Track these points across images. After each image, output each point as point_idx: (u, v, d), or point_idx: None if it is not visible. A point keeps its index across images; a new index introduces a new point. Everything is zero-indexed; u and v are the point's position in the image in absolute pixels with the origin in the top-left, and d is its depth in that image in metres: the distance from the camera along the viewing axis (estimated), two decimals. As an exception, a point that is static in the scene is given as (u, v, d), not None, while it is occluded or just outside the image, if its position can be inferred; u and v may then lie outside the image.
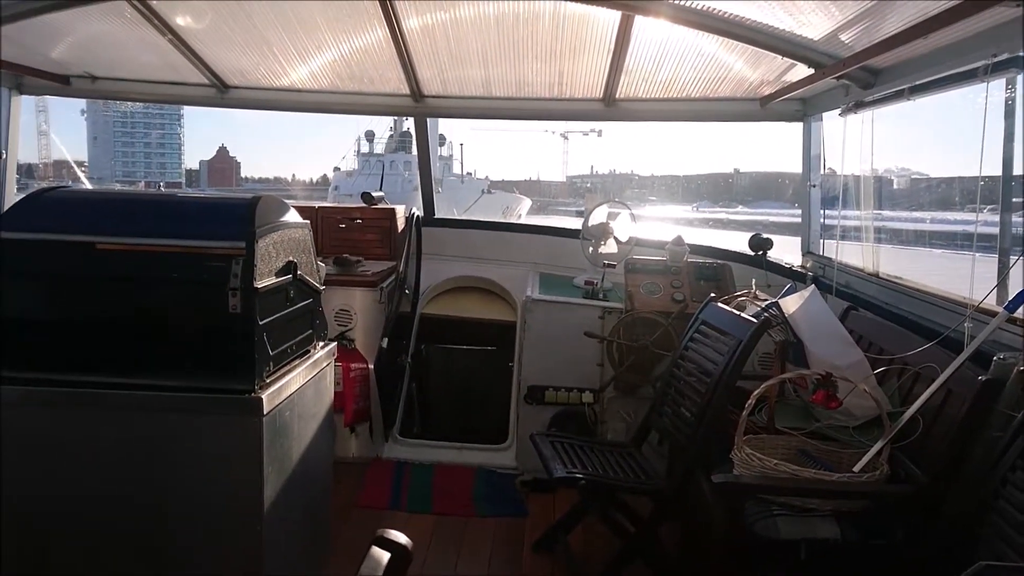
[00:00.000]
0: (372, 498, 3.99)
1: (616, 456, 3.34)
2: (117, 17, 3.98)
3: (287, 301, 2.39)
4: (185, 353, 2.19)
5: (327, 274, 3.95)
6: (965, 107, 3.01)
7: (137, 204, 2.60)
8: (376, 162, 36.14)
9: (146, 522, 2.17)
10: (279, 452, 2.28)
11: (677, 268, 4.27)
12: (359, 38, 4.25)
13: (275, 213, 2.37)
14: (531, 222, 20.72)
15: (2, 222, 2.24)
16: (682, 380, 3.26)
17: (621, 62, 4.18)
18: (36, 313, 2.25)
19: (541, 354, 4.20)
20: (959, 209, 9.41)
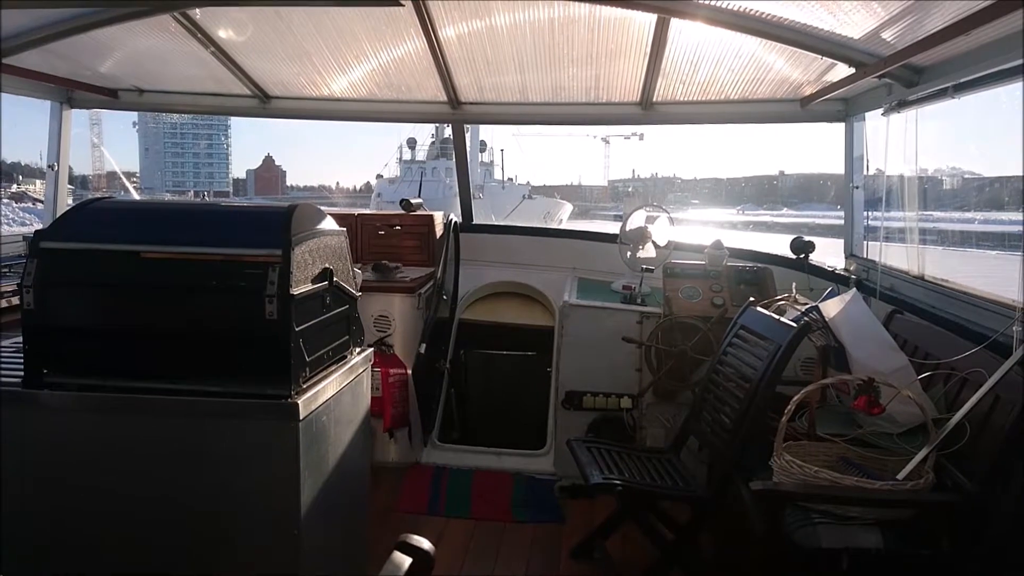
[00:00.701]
0: (410, 503, 4.01)
1: (654, 462, 3.32)
2: (162, 31, 4.08)
3: (323, 307, 2.42)
4: (224, 359, 2.23)
5: (366, 280, 4.00)
6: (1013, 104, 2.92)
7: (179, 214, 2.66)
8: (418, 169, 36.42)
9: (185, 524, 2.21)
10: (315, 456, 2.31)
11: (716, 272, 4.22)
12: (397, 47, 4.30)
13: (311, 221, 2.40)
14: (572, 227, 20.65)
15: (50, 232, 2.31)
16: (721, 386, 3.22)
17: (658, 65, 4.16)
18: (83, 320, 2.31)
19: (579, 359, 4.19)
20: (1013, 209, 9.14)
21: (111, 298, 2.30)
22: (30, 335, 2.25)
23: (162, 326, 2.27)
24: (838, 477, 2.44)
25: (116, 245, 2.26)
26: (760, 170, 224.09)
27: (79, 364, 2.27)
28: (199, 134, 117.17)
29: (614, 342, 4.04)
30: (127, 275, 2.26)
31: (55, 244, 2.27)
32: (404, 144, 40.97)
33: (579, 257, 5.35)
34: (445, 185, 30.64)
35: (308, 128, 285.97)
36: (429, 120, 7.01)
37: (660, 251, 4.59)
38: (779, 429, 2.55)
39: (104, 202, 2.54)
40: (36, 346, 2.26)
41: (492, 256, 5.50)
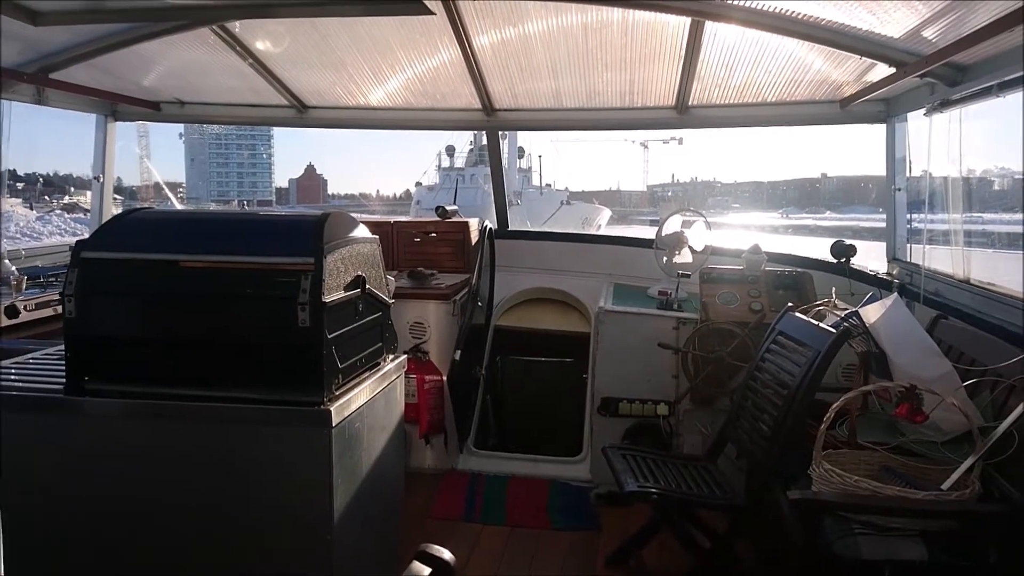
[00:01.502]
0: (446, 509, 4.01)
1: (691, 470, 3.27)
2: (202, 44, 4.17)
3: (356, 315, 2.43)
4: (259, 366, 2.26)
5: (401, 287, 4.03)
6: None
7: (215, 223, 2.70)
8: (457, 176, 36.61)
9: (220, 528, 2.24)
10: (349, 462, 2.32)
11: (754, 277, 4.16)
12: (431, 56, 4.33)
13: (344, 229, 2.42)
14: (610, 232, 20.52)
15: (91, 242, 2.37)
16: (759, 392, 3.16)
17: (693, 68, 4.12)
18: (123, 328, 2.36)
19: (615, 366, 4.16)
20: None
21: (149, 306, 2.35)
22: (71, 343, 2.31)
23: (199, 334, 2.30)
24: (880, 486, 2.37)
25: (154, 254, 2.31)
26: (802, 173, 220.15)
27: (119, 371, 2.32)
28: (242, 144, 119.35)
29: (650, 348, 4.01)
30: (165, 283, 2.30)
31: (95, 254, 2.32)
32: (443, 152, 41.30)
33: (615, 263, 5.31)
34: (483, 192, 30.72)
35: (349, 137, 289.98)
36: (464, 127, 7.04)
37: (697, 256, 4.54)
38: (818, 437, 2.50)
39: (143, 212, 2.60)
40: (77, 354, 2.31)
41: (528, 262, 5.49)
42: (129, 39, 3.98)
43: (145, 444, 2.29)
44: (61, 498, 2.31)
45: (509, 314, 5.32)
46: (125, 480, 2.29)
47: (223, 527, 2.24)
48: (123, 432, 2.30)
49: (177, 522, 2.26)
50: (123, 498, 2.29)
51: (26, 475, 2.27)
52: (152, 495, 2.27)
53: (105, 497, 2.30)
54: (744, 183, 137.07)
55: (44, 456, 2.32)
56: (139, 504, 2.29)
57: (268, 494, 2.22)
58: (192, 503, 2.25)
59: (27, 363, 2.73)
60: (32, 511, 2.25)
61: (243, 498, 2.23)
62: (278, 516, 2.22)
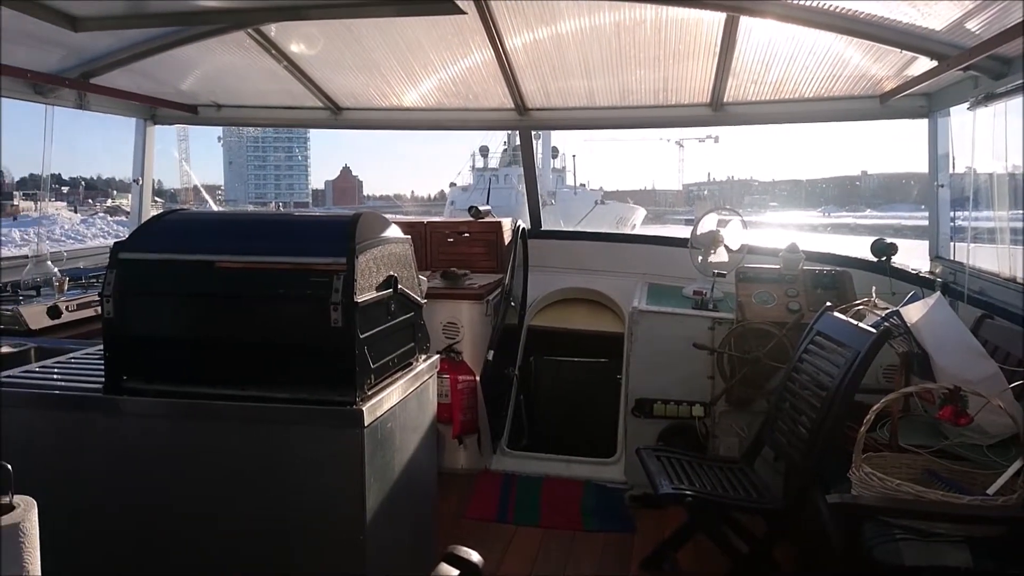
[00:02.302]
0: (480, 510, 4.01)
1: (727, 472, 3.23)
2: (238, 48, 4.22)
3: (388, 315, 2.43)
4: (292, 366, 2.27)
5: (434, 287, 4.03)
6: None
7: (249, 224, 2.73)
8: (491, 176, 36.65)
9: (254, 527, 2.26)
10: (381, 462, 2.32)
11: (792, 276, 4.08)
12: (464, 56, 4.33)
13: (376, 229, 2.43)
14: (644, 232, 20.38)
15: (128, 244, 2.40)
16: (796, 394, 3.10)
17: (728, 65, 4.07)
18: (159, 328, 2.38)
19: (649, 366, 4.12)
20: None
21: (185, 306, 2.37)
22: (110, 343, 2.34)
23: (233, 333, 2.32)
24: (922, 491, 2.31)
25: (189, 255, 2.33)
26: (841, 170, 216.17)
27: (156, 370, 2.35)
28: (279, 147, 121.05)
29: (685, 349, 3.96)
30: (200, 284, 2.32)
31: (132, 255, 2.35)
32: (477, 152, 41.38)
33: (649, 262, 5.27)
34: (517, 192, 30.73)
35: (384, 138, 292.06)
36: (496, 127, 7.04)
37: (733, 255, 4.48)
38: (858, 439, 2.44)
39: (179, 213, 2.63)
40: (116, 353, 2.34)
41: (561, 262, 5.47)
42: (167, 43, 4.05)
43: (180, 442, 2.31)
44: (100, 493, 2.33)
45: (542, 314, 5.30)
46: (161, 477, 2.32)
47: (256, 526, 2.25)
48: (159, 430, 2.33)
49: (210, 520, 2.28)
50: (159, 494, 2.31)
51: (66, 471, 2.31)
52: (187, 492, 2.29)
53: (142, 493, 2.32)
54: (782, 181, 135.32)
55: (84, 452, 2.36)
56: (174, 500, 2.31)
57: (301, 494, 2.23)
58: (226, 500, 2.27)
59: (69, 362, 2.78)
60: (71, 506, 2.29)
61: (276, 497, 2.24)
62: (311, 515, 2.23)
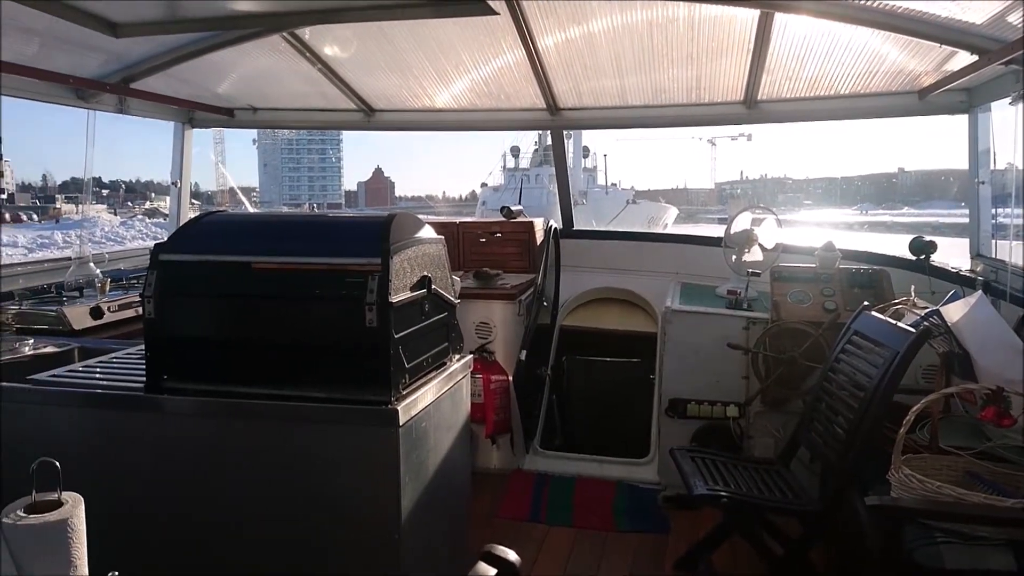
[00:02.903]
0: (513, 509, 4.02)
1: (762, 473, 3.20)
2: (273, 51, 4.27)
3: (422, 315, 2.45)
4: (327, 365, 2.30)
5: (467, 288, 4.05)
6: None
7: (285, 226, 2.76)
8: (522, 176, 36.66)
9: (290, 524, 2.29)
10: (416, 462, 2.34)
11: (828, 275, 4.03)
12: (495, 57, 4.34)
13: (409, 230, 2.44)
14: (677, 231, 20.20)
15: (168, 246, 2.45)
16: (833, 394, 3.07)
17: (762, 62, 4.02)
18: (198, 328, 2.43)
19: (683, 366, 4.09)
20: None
21: (222, 307, 2.41)
22: (151, 343, 2.39)
23: (269, 334, 2.36)
24: (964, 493, 2.26)
25: (226, 256, 2.37)
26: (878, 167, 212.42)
27: (195, 370, 2.39)
28: (313, 149, 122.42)
29: (719, 349, 3.93)
30: (237, 284, 2.36)
31: (172, 256, 2.40)
32: (508, 152, 41.43)
33: (682, 262, 5.23)
34: (548, 192, 30.70)
35: (416, 139, 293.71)
36: (528, 127, 7.04)
37: (767, 254, 4.43)
38: (897, 441, 2.41)
39: (217, 215, 2.67)
40: (156, 353, 2.39)
41: (593, 262, 5.46)
42: (204, 48, 4.11)
43: (219, 440, 2.36)
44: (141, 490, 2.38)
45: (575, 314, 5.29)
46: (200, 475, 2.36)
47: (292, 523, 2.28)
48: (199, 429, 2.37)
49: (247, 517, 2.32)
50: (198, 491, 2.36)
51: (109, 468, 2.36)
52: (224, 489, 2.33)
53: (181, 490, 2.36)
54: (816, 179, 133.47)
55: (126, 450, 2.41)
56: (212, 498, 2.35)
57: (337, 492, 2.25)
58: (262, 499, 2.30)
59: (111, 362, 2.84)
60: (113, 502, 2.33)
61: (312, 495, 2.27)
62: (346, 514, 2.25)
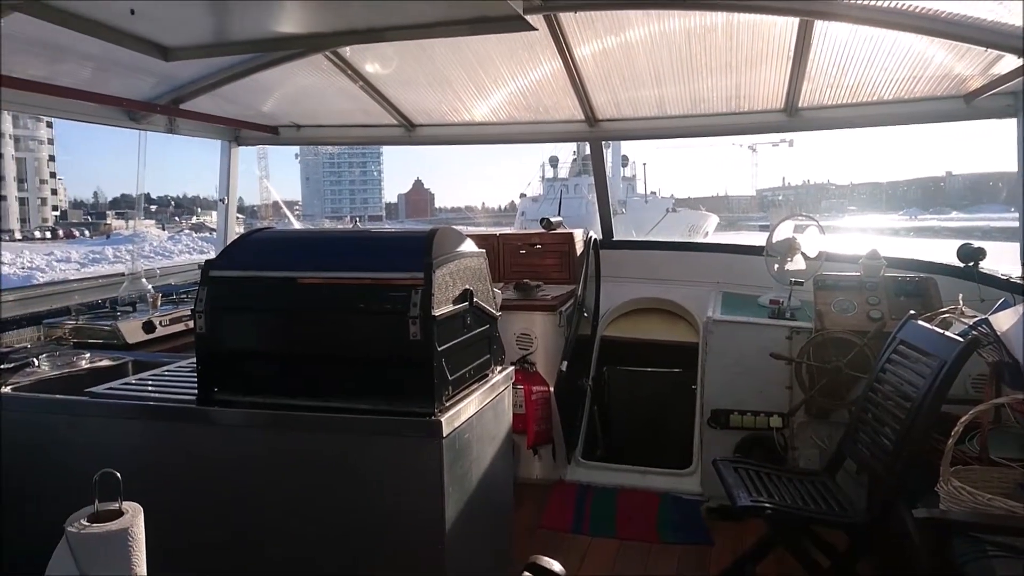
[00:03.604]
0: (555, 520, 4.02)
1: (807, 485, 3.16)
2: (316, 70, 4.37)
3: (464, 327, 2.48)
4: (372, 378, 2.34)
5: (508, 299, 4.08)
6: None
7: (330, 241, 2.83)
8: (561, 187, 36.68)
9: (336, 534, 2.33)
10: (459, 473, 2.37)
11: (873, 283, 3.98)
12: (534, 69, 4.38)
13: (451, 244, 2.48)
14: (718, 239, 20.03)
15: (218, 262, 2.52)
16: (879, 404, 3.02)
17: (802, 69, 4.00)
18: (248, 342, 2.50)
19: (725, 377, 4.07)
20: None
21: (270, 321, 2.47)
22: (202, 356, 2.46)
23: (316, 347, 2.41)
24: (1016, 506, 2.22)
25: (273, 272, 2.44)
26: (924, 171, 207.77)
27: (245, 383, 2.46)
28: (354, 163, 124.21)
29: (762, 359, 3.89)
30: (284, 299, 2.42)
31: (222, 273, 2.47)
32: (546, 162, 41.52)
33: (723, 271, 5.20)
34: (587, 202, 30.66)
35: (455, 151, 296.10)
36: (567, 139, 7.07)
37: (810, 263, 4.38)
38: (946, 452, 2.37)
39: (264, 232, 2.75)
40: (208, 366, 2.46)
41: (633, 272, 5.45)
42: (250, 69, 4.23)
43: (268, 451, 2.41)
44: (193, 499, 2.45)
45: (615, 324, 5.29)
46: (250, 485, 2.42)
47: (339, 533, 2.33)
48: (247, 440, 2.43)
49: (295, 526, 2.37)
50: (248, 501, 2.42)
51: (161, 478, 2.43)
52: (272, 499, 2.39)
53: (231, 500, 2.43)
54: (861, 184, 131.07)
55: (178, 461, 2.48)
56: (261, 507, 2.40)
57: (382, 503, 2.29)
58: (310, 508, 2.35)
59: (163, 375, 2.93)
60: (165, 511, 2.40)
61: (358, 506, 2.31)
62: (391, 524, 2.29)
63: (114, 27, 3.12)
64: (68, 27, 2.95)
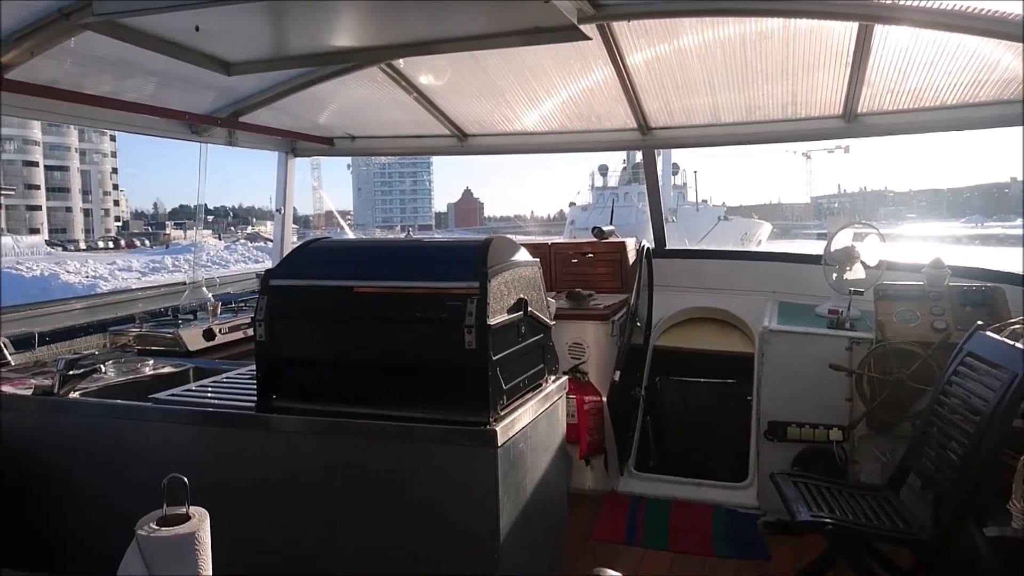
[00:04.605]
0: (608, 531, 3.99)
1: (869, 500, 3.08)
2: (370, 82, 4.44)
3: (519, 337, 2.49)
4: (428, 387, 2.36)
5: (560, 308, 4.07)
6: None
7: (386, 251, 2.86)
8: (610, 195, 36.57)
9: (391, 541, 2.35)
10: (514, 482, 2.37)
11: (937, 293, 3.86)
12: (586, 78, 4.38)
13: (506, 253, 2.49)
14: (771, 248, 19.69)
15: (277, 271, 2.57)
16: (946, 418, 2.93)
17: (862, 75, 3.91)
18: (305, 350, 2.54)
19: (782, 388, 3.98)
20: None
21: (327, 330, 2.51)
22: (262, 364, 2.51)
23: (372, 355, 2.44)
24: (1095, 526, 2.13)
25: (330, 281, 2.48)
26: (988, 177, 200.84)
27: (302, 390, 2.50)
28: (404, 173, 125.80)
29: (820, 370, 3.80)
30: (340, 308, 2.46)
31: (281, 282, 2.52)
32: (596, 171, 41.45)
33: (779, 280, 5.11)
34: (638, 210, 30.49)
35: (504, 160, 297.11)
36: (619, 148, 7.05)
37: (870, 272, 4.27)
38: (1018, 468, 2.29)
39: (321, 242, 2.79)
40: (267, 374, 2.51)
41: (687, 281, 5.39)
42: (307, 82, 4.32)
43: (324, 458, 2.45)
44: (251, 504, 2.49)
45: (668, 334, 5.24)
46: (307, 490, 2.45)
47: (394, 539, 2.35)
48: (305, 446, 2.47)
49: (352, 532, 2.39)
50: (305, 506, 2.45)
51: (220, 483, 2.47)
52: (328, 505, 2.41)
53: (289, 505, 2.47)
54: (920, 191, 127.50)
55: (238, 465, 2.53)
56: (318, 513, 2.44)
57: (436, 511, 2.30)
58: (365, 514, 2.37)
59: (222, 382, 3.00)
60: (226, 515, 2.44)
61: (413, 513, 2.32)
62: (446, 532, 2.29)
63: (179, 43, 3.21)
64: (136, 44, 3.05)
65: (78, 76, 3.59)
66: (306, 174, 6.50)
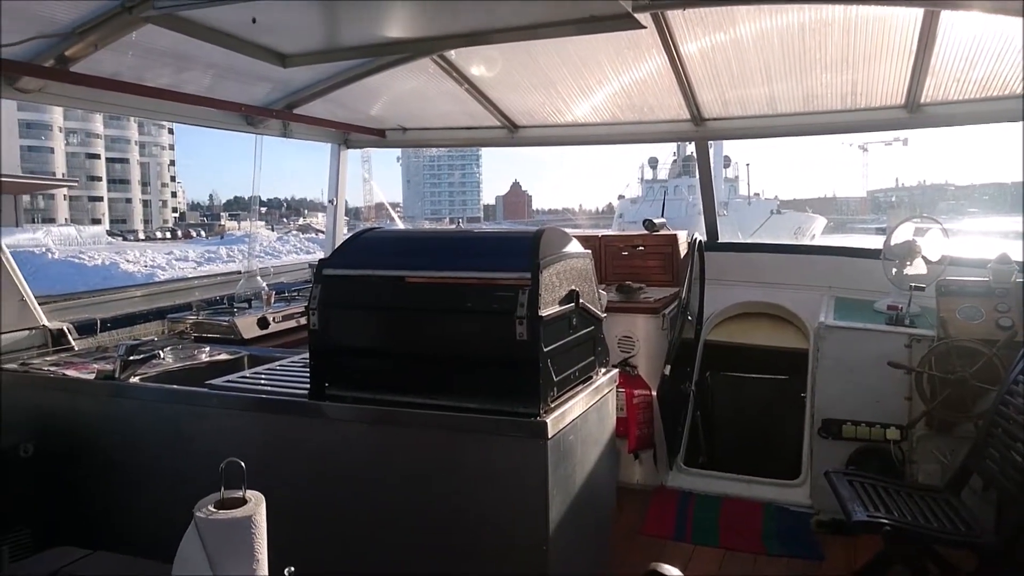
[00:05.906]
0: (656, 526, 3.95)
1: (928, 502, 2.99)
2: (422, 73, 4.45)
3: (570, 329, 2.47)
4: (478, 377, 2.36)
5: (610, 301, 4.04)
6: None
7: (437, 241, 2.87)
8: (660, 188, 36.18)
9: (441, 529, 2.37)
10: (563, 474, 2.36)
11: (1003, 290, 3.72)
12: (638, 68, 4.32)
13: (558, 244, 2.48)
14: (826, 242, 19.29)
15: (330, 261, 2.60)
16: (1012, 419, 2.84)
17: (926, 64, 3.79)
18: (358, 339, 2.56)
19: (837, 385, 3.89)
20: None
21: (379, 319, 2.53)
22: (315, 352, 2.54)
23: (424, 345, 2.45)
24: None
25: (382, 271, 2.49)
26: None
27: (355, 379, 2.52)
28: (453, 165, 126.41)
29: (878, 367, 3.70)
30: (392, 298, 2.48)
31: (334, 271, 2.54)
32: (645, 164, 41.03)
33: (835, 275, 4.98)
34: (688, 203, 30.14)
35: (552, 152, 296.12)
36: (672, 139, 6.95)
37: (932, 267, 4.14)
38: (1090, 473, 2.19)
39: (373, 232, 2.81)
40: (320, 362, 2.54)
41: (739, 275, 5.30)
42: (359, 74, 4.36)
43: (376, 446, 2.48)
44: (302, 490, 2.53)
45: (720, 329, 5.16)
46: (358, 477, 2.49)
47: (443, 528, 2.36)
48: (356, 435, 2.50)
49: (401, 519, 2.42)
50: (356, 493, 2.48)
51: (276, 467, 2.52)
52: (379, 492, 2.44)
53: (340, 491, 2.50)
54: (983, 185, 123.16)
55: (291, 451, 2.58)
56: (369, 499, 2.47)
57: (486, 501, 2.31)
58: (415, 502, 2.39)
59: (275, 369, 3.05)
60: (280, 500, 2.48)
61: (462, 502, 2.33)
62: (495, 522, 2.30)
63: (236, 36, 3.27)
64: (194, 36, 3.11)
65: (139, 69, 3.67)
66: (357, 166, 6.60)
